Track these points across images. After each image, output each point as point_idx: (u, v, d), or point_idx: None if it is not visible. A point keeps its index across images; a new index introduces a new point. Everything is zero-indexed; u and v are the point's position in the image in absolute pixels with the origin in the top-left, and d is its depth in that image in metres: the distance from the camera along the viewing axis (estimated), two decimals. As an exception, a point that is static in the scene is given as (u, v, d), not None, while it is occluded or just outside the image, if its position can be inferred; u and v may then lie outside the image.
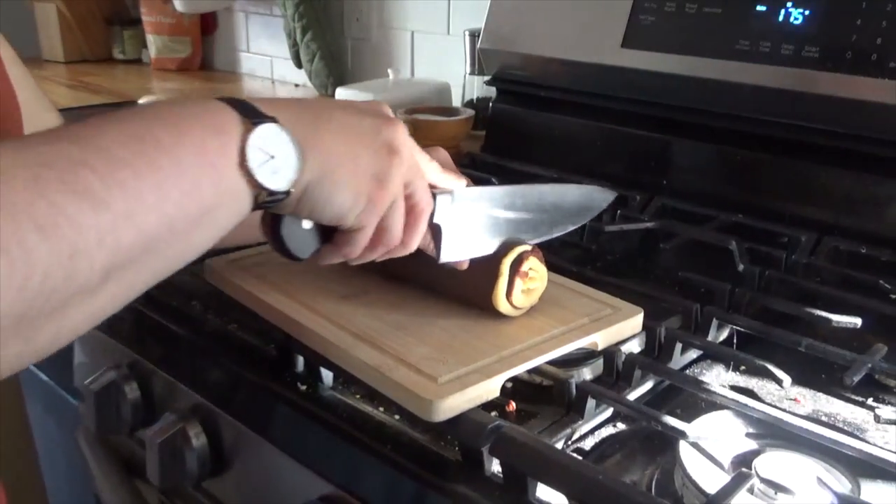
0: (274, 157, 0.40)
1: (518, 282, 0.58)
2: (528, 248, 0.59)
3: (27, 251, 0.30)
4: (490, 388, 0.51)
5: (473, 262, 0.58)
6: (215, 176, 0.38)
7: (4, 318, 0.30)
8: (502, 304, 0.58)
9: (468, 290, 0.60)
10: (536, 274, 0.59)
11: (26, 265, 0.30)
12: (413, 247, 0.53)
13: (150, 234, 0.35)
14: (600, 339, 0.58)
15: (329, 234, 0.49)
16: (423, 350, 0.54)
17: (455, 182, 0.55)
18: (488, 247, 0.58)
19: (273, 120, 0.41)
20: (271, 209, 0.44)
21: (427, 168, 0.52)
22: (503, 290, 0.58)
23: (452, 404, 0.49)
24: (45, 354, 0.35)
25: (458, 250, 0.56)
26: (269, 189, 0.41)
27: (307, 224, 0.48)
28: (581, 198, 0.64)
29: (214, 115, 0.40)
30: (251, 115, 0.41)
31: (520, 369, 0.53)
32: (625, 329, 0.60)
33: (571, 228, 0.64)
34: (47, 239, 0.30)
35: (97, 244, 0.32)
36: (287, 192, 0.42)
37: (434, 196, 0.53)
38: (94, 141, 0.34)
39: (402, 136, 0.48)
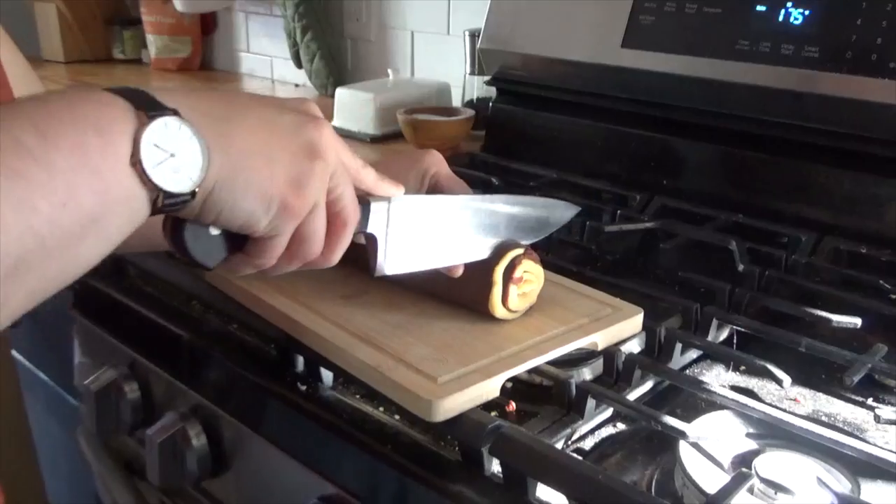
0: (174, 156, 0.36)
1: (513, 288, 0.58)
2: (520, 251, 0.58)
3: None
4: (490, 388, 0.51)
5: (468, 268, 0.57)
6: (97, 182, 0.34)
7: None
8: (499, 311, 0.58)
9: (465, 297, 0.60)
10: (532, 276, 0.59)
11: None
12: (335, 259, 0.48)
13: (14, 253, 0.31)
14: (600, 339, 0.58)
15: (240, 240, 0.44)
16: (422, 350, 0.54)
17: (393, 189, 0.51)
18: (438, 260, 0.55)
19: (174, 113, 0.37)
20: (172, 213, 0.39)
21: (361, 174, 0.48)
22: (498, 297, 0.57)
23: (452, 404, 0.49)
24: None
25: (399, 263, 0.53)
26: (169, 191, 0.36)
27: (215, 230, 0.43)
28: (541, 211, 0.62)
29: (99, 109, 0.35)
30: (148, 107, 0.36)
31: (520, 369, 0.53)
32: (625, 329, 0.60)
33: (528, 242, 0.61)
34: None
35: None
36: (191, 195, 0.37)
37: (368, 204, 0.50)
38: None
39: (327, 136, 0.44)
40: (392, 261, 0.53)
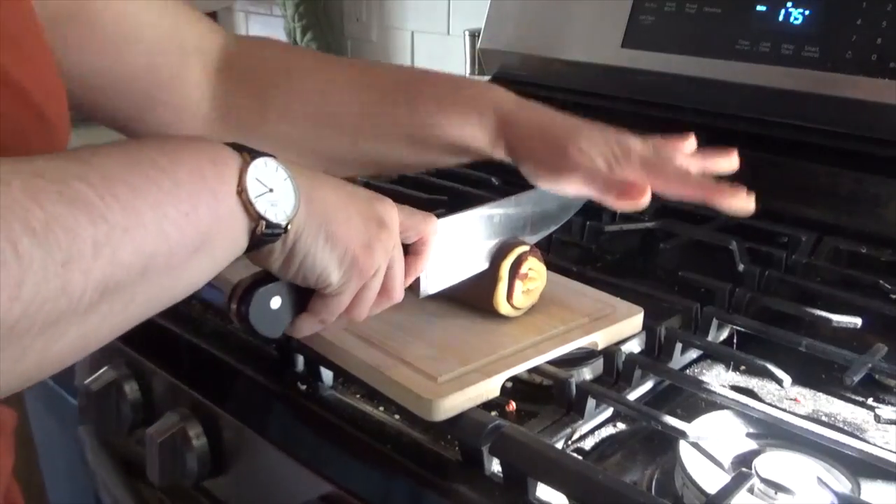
0: (272, 191, 0.40)
1: (518, 284, 0.58)
2: (525, 248, 0.59)
3: (20, 255, 0.29)
4: (490, 388, 0.51)
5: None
6: (213, 201, 0.38)
7: None
8: (503, 307, 0.58)
9: (469, 294, 0.60)
10: (536, 274, 0.59)
11: (19, 270, 0.29)
12: (386, 305, 0.52)
13: (148, 252, 0.34)
14: (600, 338, 0.58)
15: (299, 307, 0.48)
16: (422, 349, 0.54)
17: (433, 227, 0.53)
18: (468, 270, 0.58)
19: (271, 156, 0.41)
20: (266, 243, 0.42)
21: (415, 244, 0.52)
22: (503, 293, 0.58)
23: (452, 404, 0.49)
24: (27, 381, 0.33)
25: (439, 281, 0.56)
26: (268, 220, 0.40)
27: (276, 303, 0.46)
28: (553, 203, 0.63)
29: (212, 146, 0.39)
30: (247, 151, 0.40)
31: (519, 369, 0.53)
32: (625, 329, 0.60)
33: (554, 228, 0.64)
34: (41, 244, 0.30)
35: (93, 255, 0.32)
36: (284, 229, 0.41)
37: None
38: (91, 160, 0.34)
39: (393, 213, 0.48)
40: (433, 280, 0.55)
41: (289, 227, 0.41)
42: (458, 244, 0.57)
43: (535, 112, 0.63)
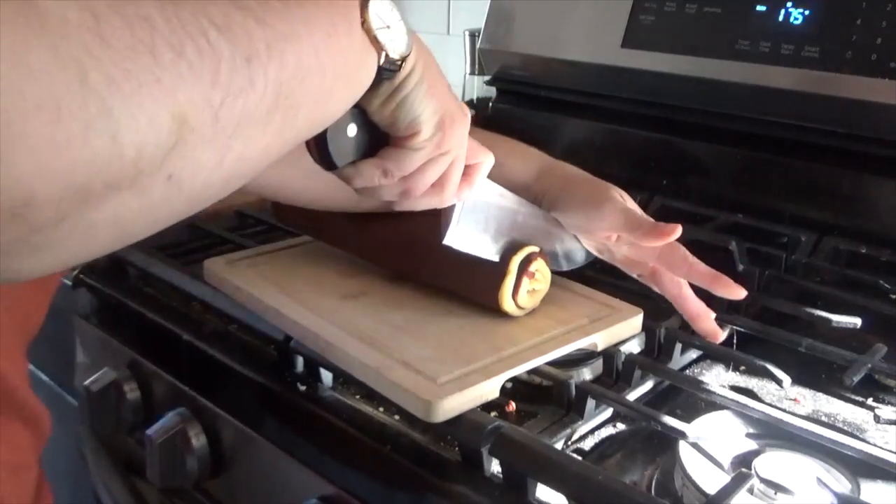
0: (390, 27, 0.42)
1: (525, 281, 0.58)
2: (535, 248, 0.59)
3: (212, 45, 0.30)
4: (489, 389, 0.51)
5: (480, 259, 0.58)
6: (347, 26, 0.39)
7: (202, 108, 0.30)
8: (507, 303, 0.58)
9: (473, 288, 0.60)
10: (542, 276, 0.59)
11: (214, 57, 0.30)
12: (430, 204, 0.52)
13: (305, 65, 0.36)
14: (600, 339, 0.58)
15: (372, 151, 0.48)
16: (422, 350, 0.54)
17: (488, 156, 0.55)
18: (490, 250, 0.58)
19: None
20: (386, 77, 0.44)
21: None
22: (510, 288, 0.58)
23: (452, 405, 0.49)
24: (229, 179, 0.34)
25: (464, 238, 0.56)
26: (388, 52, 0.42)
27: (352, 130, 0.46)
28: (571, 244, 0.65)
29: None
30: None
31: (519, 370, 0.53)
32: (624, 330, 0.60)
33: (561, 268, 0.65)
34: (226, 39, 0.31)
35: (266, 55, 0.33)
36: (399, 65, 0.43)
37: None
38: None
39: (468, 116, 0.50)
40: (460, 233, 0.56)
41: (403, 64, 0.43)
42: (491, 216, 0.58)
43: (572, 167, 0.69)
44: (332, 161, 0.46)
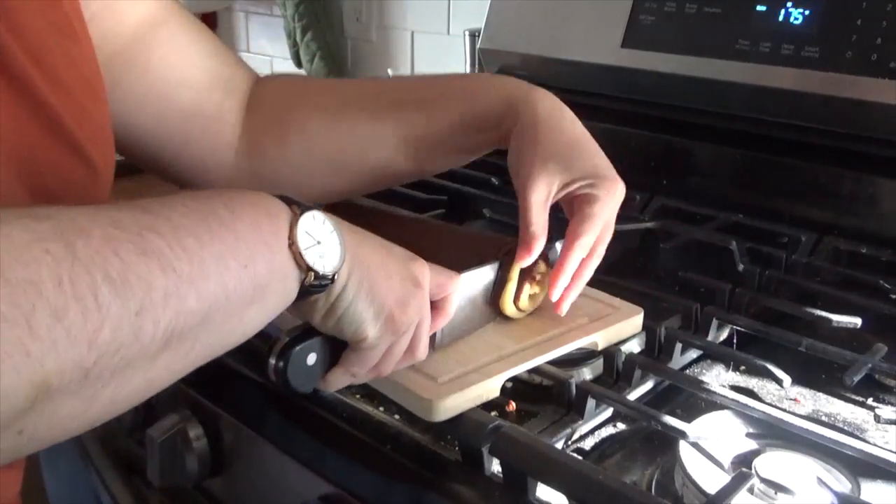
0: (320, 243, 0.41)
1: (526, 286, 0.58)
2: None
3: (99, 304, 0.30)
4: (490, 388, 0.51)
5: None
6: (268, 254, 0.39)
7: (71, 371, 0.30)
8: (509, 308, 0.58)
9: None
10: (544, 279, 0.59)
11: (98, 318, 0.30)
12: (408, 363, 0.52)
13: (210, 301, 0.35)
14: (600, 338, 0.58)
15: (332, 361, 0.48)
16: None
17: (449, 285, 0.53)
18: (484, 320, 0.58)
19: (318, 208, 0.42)
20: (314, 294, 0.43)
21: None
22: (511, 294, 0.58)
23: (452, 404, 0.49)
24: (91, 425, 0.34)
25: (454, 333, 0.55)
26: (317, 271, 0.41)
27: (311, 359, 0.47)
28: None
29: (265, 200, 0.41)
30: (296, 204, 0.42)
31: (520, 369, 0.53)
32: (625, 329, 0.60)
33: None
34: (118, 294, 0.31)
35: (163, 304, 0.33)
36: (332, 280, 0.42)
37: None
38: (161, 211, 0.35)
39: (425, 272, 0.48)
40: (448, 332, 0.55)
41: (335, 278, 0.42)
42: (473, 296, 0.56)
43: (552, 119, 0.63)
44: (297, 391, 0.48)
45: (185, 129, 0.63)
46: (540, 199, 0.56)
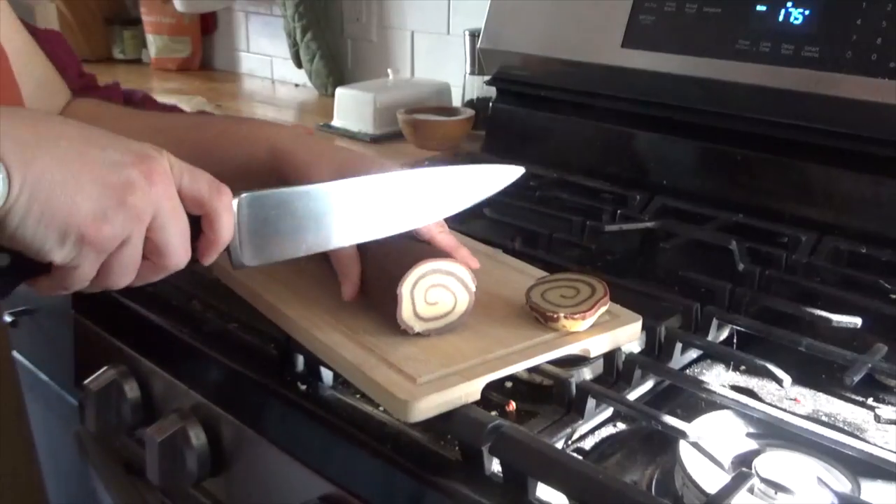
0: None
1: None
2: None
3: None
4: (470, 391, 0.50)
5: (378, 281, 0.56)
6: None
7: None
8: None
9: (380, 310, 0.57)
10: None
11: None
12: (153, 279, 0.49)
13: None
14: (592, 346, 0.56)
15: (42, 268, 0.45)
16: (408, 349, 0.53)
17: (225, 198, 0.48)
18: (323, 242, 0.53)
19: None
20: None
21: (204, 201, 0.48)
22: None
23: (429, 405, 0.48)
24: None
25: (265, 254, 0.52)
26: None
27: (3, 261, 0.43)
28: (469, 179, 0.59)
29: None
30: None
31: (501, 373, 0.52)
32: (620, 336, 0.58)
33: (462, 208, 0.59)
34: None
35: None
36: None
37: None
38: None
39: (155, 173, 0.44)
40: (252, 251, 0.51)
41: None
42: (289, 219, 0.51)
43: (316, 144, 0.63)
44: None
45: None
46: None
